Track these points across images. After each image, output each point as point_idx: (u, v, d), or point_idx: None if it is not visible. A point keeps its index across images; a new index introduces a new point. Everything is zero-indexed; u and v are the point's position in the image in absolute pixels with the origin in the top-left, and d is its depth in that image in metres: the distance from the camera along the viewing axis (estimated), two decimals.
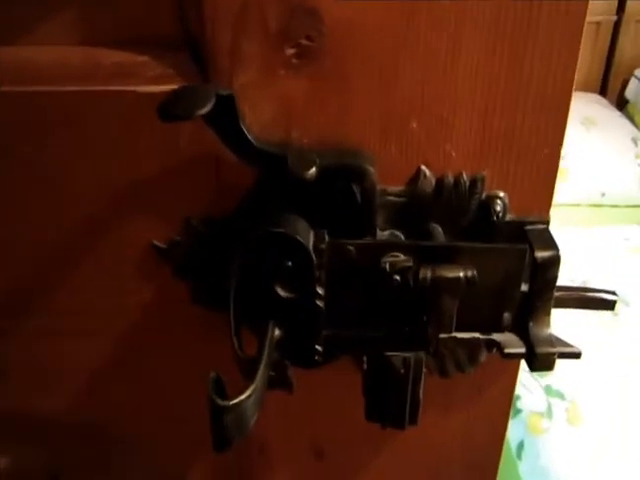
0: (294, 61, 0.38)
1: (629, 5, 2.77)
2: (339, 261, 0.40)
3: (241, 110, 0.39)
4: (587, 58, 2.91)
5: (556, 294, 0.43)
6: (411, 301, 0.40)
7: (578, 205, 2.44)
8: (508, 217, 0.43)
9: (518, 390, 1.59)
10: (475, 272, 0.39)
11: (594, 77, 2.97)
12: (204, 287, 0.44)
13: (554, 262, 0.41)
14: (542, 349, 0.42)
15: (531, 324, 0.43)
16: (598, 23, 2.81)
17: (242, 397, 0.34)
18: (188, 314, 0.44)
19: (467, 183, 0.42)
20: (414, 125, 0.41)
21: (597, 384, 1.56)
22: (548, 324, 0.43)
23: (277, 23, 0.37)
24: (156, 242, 0.42)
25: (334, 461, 0.51)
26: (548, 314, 0.43)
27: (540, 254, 0.41)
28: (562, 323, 1.71)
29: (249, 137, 0.38)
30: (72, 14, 0.40)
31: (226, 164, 0.40)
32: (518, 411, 1.55)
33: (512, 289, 0.43)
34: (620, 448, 1.44)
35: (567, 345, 0.43)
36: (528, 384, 1.57)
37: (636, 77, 2.87)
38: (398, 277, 0.40)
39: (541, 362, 0.42)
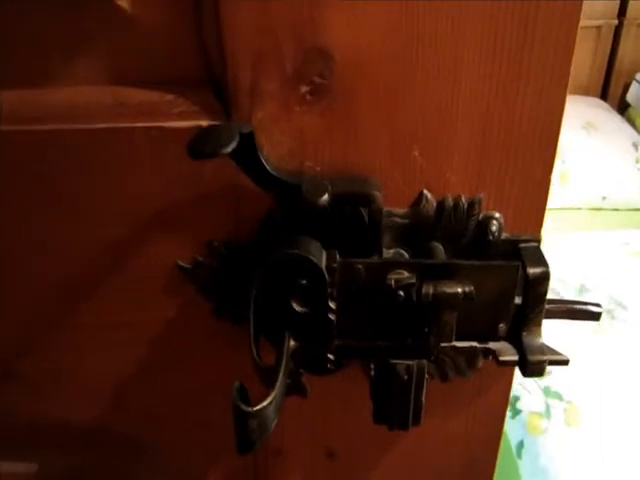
0: (308, 98, 0.42)
1: (630, 9, 2.79)
2: (349, 278, 0.44)
3: (259, 143, 0.43)
4: (588, 62, 2.92)
5: (547, 307, 0.47)
6: (414, 314, 0.44)
7: (579, 209, 2.48)
8: (503, 236, 0.47)
9: (518, 391, 1.63)
10: (472, 288, 0.43)
11: (595, 81, 2.98)
12: (226, 303, 0.48)
13: (544, 278, 0.45)
14: (534, 357, 0.46)
15: (524, 334, 0.47)
16: (599, 27, 2.82)
17: (264, 403, 0.38)
18: (210, 327, 0.48)
19: (465, 205, 0.46)
20: (416, 153, 0.45)
21: (594, 386, 1.60)
22: (539, 334, 0.47)
23: (292, 64, 0.41)
24: (181, 263, 0.47)
25: (344, 461, 0.55)
26: (539, 325, 0.47)
27: (532, 271, 0.45)
28: (560, 328, 1.76)
29: (267, 167, 0.42)
30: (102, 56, 0.44)
31: (246, 191, 0.44)
32: (518, 411, 1.59)
33: (506, 302, 0.46)
34: (617, 449, 1.48)
35: (556, 353, 0.47)
36: (527, 385, 1.60)
37: (637, 81, 2.88)
38: (402, 293, 0.44)
39: (533, 369, 0.46)
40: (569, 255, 1.99)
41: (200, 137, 0.37)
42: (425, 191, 0.45)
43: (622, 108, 2.99)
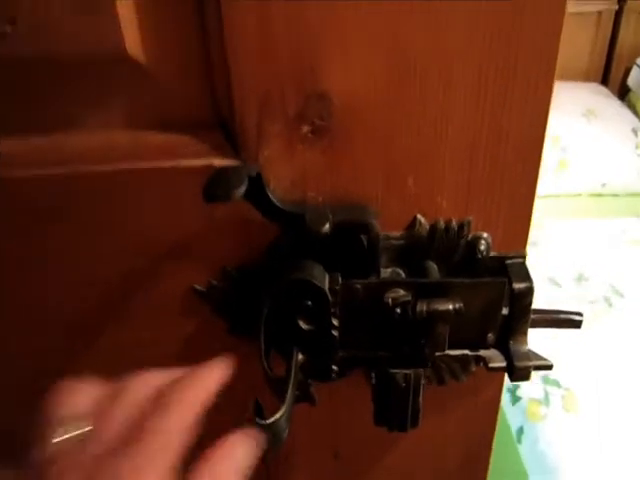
0: (309, 137, 0.47)
1: None
2: (350, 298, 0.49)
3: (266, 178, 0.47)
4: (588, 47, 2.93)
5: (532, 317, 0.52)
6: (410, 328, 0.49)
7: (579, 195, 2.52)
8: (491, 253, 0.52)
9: None
10: (462, 304, 0.48)
11: (596, 66, 3.00)
12: (238, 321, 0.53)
13: (528, 292, 0.50)
14: (520, 363, 0.51)
15: (511, 342, 0.52)
16: (600, 12, 2.84)
17: (277, 416, 0.43)
18: (226, 343, 0.53)
19: (456, 227, 0.50)
20: (410, 182, 0.49)
21: (592, 373, 1.65)
22: (525, 342, 0.52)
23: (294, 108, 0.46)
24: (197, 287, 0.51)
25: (349, 460, 0.60)
26: (525, 334, 0.52)
27: (517, 286, 0.50)
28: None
29: (273, 200, 0.47)
30: (120, 103, 0.48)
31: (255, 221, 0.48)
32: (517, 398, 1.64)
33: (495, 314, 0.51)
34: (614, 434, 1.53)
35: (541, 359, 0.52)
36: None
37: (638, 65, 2.90)
38: (399, 309, 0.48)
39: (519, 374, 0.51)
40: (568, 243, 2.04)
41: (213, 182, 0.42)
42: (418, 216, 0.50)
43: (623, 93, 3.02)
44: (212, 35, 0.45)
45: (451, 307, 0.47)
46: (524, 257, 0.52)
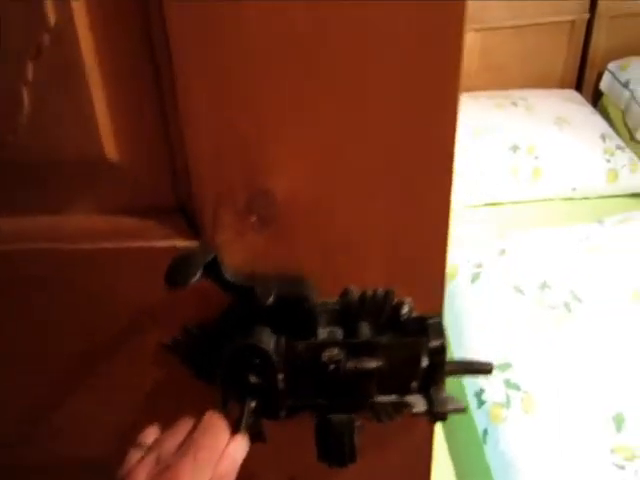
0: (257, 225, 0.56)
1: (600, 4, 2.92)
2: (293, 356, 0.58)
3: (221, 257, 0.56)
4: (563, 55, 3.07)
5: (448, 367, 0.61)
6: (344, 381, 0.58)
7: (552, 200, 2.63)
8: (414, 314, 0.61)
9: (483, 384, 1.79)
10: (386, 362, 0.57)
11: (570, 73, 3.13)
12: (202, 370, 0.62)
13: (443, 348, 0.59)
14: (438, 408, 0.60)
15: (432, 389, 0.61)
16: (572, 21, 2.95)
17: None
18: (195, 385, 0.62)
19: (382, 294, 0.60)
20: (342, 259, 0.58)
21: (550, 375, 1.75)
22: (443, 389, 0.61)
23: (243, 201, 0.55)
24: (165, 342, 0.61)
25: None
26: (443, 382, 0.61)
27: (433, 343, 0.59)
28: (521, 320, 1.91)
29: (226, 276, 0.56)
30: (96, 192, 0.58)
31: (212, 290, 0.57)
32: (482, 402, 1.75)
33: (416, 366, 0.60)
34: (568, 433, 1.64)
35: (456, 402, 0.61)
36: (491, 379, 1.76)
37: (609, 71, 3.04)
38: (333, 366, 0.58)
39: (438, 417, 0.61)
40: (533, 252, 2.13)
41: (172, 269, 0.51)
42: (350, 286, 0.59)
43: (596, 97, 3.14)
44: (175, 140, 0.54)
45: (375, 365, 0.57)
46: (441, 316, 0.61)
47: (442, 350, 0.60)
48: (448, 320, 2.02)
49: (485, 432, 1.73)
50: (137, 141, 0.55)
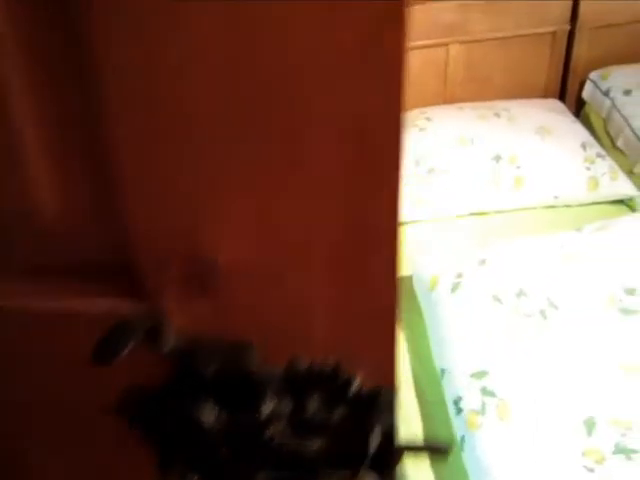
0: (199, 292, 0.53)
1: (581, 14, 2.96)
2: (236, 429, 0.56)
3: (165, 321, 0.53)
4: (546, 65, 3.11)
5: (403, 444, 0.59)
6: (287, 457, 0.56)
7: (534, 208, 2.63)
8: (364, 390, 0.58)
9: (460, 392, 1.80)
10: (334, 440, 0.55)
11: (553, 82, 3.15)
12: (150, 435, 0.59)
13: (392, 426, 0.57)
14: None
15: (385, 468, 0.59)
16: (554, 32, 2.96)
17: None
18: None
19: (330, 369, 0.57)
20: (288, 325, 0.56)
21: (525, 382, 1.79)
22: (397, 467, 0.59)
23: (187, 270, 0.52)
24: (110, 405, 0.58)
25: None
26: (396, 460, 0.59)
27: (383, 421, 0.57)
28: (498, 328, 1.90)
29: (169, 345, 0.53)
30: (33, 248, 0.54)
31: (158, 358, 0.54)
32: (460, 410, 1.78)
33: (366, 444, 0.58)
34: (541, 438, 1.67)
35: None
36: (468, 386, 1.80)
37: (591, 80, 3.08)
38: (275, 442, 0.55)
39: None
40: (512, 261, 2.13)
41: (102, 344, 0.49)
42: (296, 356, 0.57)
43: (579, 105, 3.16)
44: (115, 199, 0.51)
45: (319, 445, 0.54)
46: (394, 390, 0.59)
47: (392, 427, 0.57)
48: (429, 329, 2.05)
49: (462, 439, 1.75)
50: (73, 191, 0.53)
